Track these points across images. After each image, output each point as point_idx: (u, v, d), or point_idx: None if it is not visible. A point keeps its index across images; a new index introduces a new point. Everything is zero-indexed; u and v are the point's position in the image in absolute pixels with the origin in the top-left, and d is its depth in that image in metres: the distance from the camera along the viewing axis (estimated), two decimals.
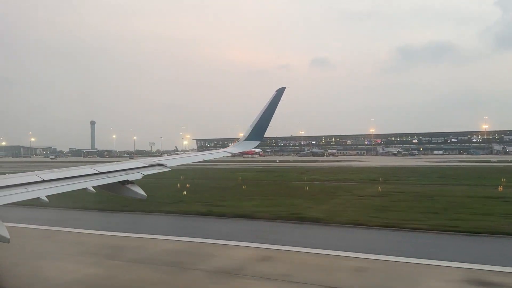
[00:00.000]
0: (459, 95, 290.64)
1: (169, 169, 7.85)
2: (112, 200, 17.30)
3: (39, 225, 15.32)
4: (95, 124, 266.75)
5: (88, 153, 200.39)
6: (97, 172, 6.79)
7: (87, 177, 6.59)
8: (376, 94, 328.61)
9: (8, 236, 4.95)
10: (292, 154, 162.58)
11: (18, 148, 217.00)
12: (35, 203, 5.70)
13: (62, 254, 11.35)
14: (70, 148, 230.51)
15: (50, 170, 6.79)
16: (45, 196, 5.78)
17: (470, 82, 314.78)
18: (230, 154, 10.01)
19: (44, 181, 6.02)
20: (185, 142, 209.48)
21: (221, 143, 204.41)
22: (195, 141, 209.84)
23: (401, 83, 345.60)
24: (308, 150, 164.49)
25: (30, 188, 5.75)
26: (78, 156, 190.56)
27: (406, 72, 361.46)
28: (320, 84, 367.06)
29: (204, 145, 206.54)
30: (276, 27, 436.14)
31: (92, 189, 6.41)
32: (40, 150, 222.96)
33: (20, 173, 6.25)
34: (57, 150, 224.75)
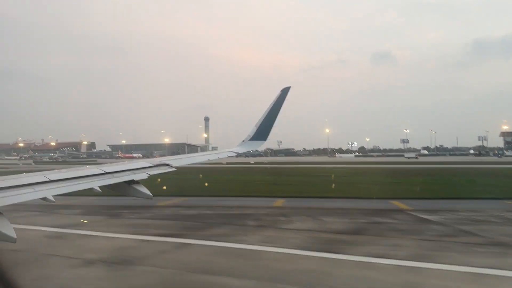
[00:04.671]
0: None
1: (174, 169, 7.84)
2: None
3: None
4: (209, 120, 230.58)
5: (276, 152, 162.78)
6: (103, 172, 6.82)
7: (93, 177, 6.61)
8: (444, 90, 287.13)
9: (15, 236, 4.98)
10: None
11: (182, 146, 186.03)
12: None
13: None
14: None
15: (57, 170, 6.83)
16: (52, 196, 5.82)
17: None
18: (235, 155, 9.98)
19: (50, 181, 6.05)
20: (355, 143, 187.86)
21: None
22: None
23: (473, 77, 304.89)
24: None
25: (37, 188, 5.78)
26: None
27: (478, 66, 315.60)
28: (381, 80, 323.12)
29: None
30: (338, 18, 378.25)
31: (98, 189, 6.45)
32: (199, 149, 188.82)
33: (27, 173, 6.29)
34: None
